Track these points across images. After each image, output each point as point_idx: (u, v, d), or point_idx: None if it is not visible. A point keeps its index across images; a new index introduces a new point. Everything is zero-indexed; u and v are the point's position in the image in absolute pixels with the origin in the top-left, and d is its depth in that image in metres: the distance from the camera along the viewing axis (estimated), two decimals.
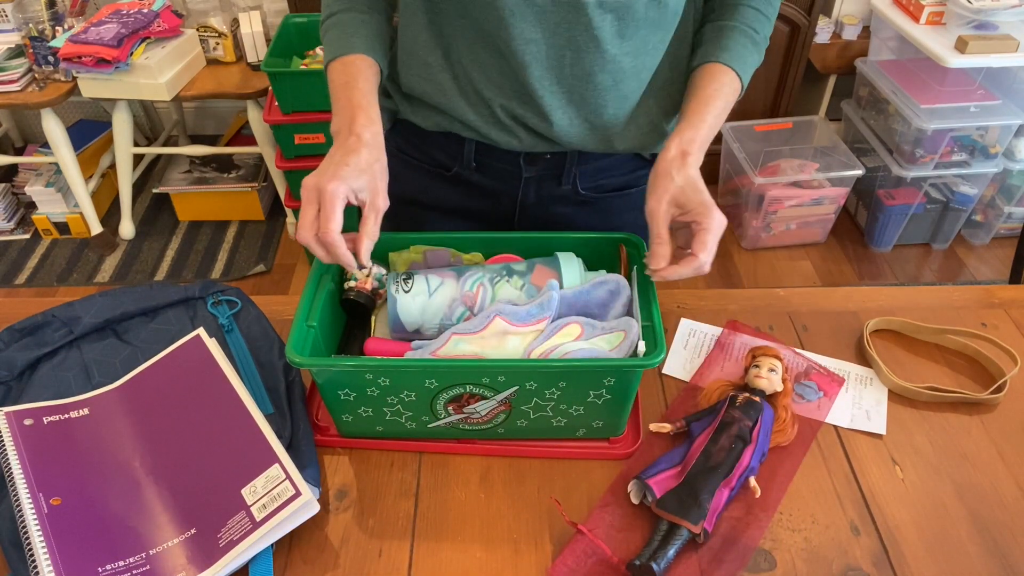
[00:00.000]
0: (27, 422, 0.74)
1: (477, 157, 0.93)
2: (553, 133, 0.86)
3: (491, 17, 0.77)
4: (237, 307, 0.89)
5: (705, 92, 0.81)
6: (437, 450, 0.78)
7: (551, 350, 0.72)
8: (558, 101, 0.83)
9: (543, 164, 0.92)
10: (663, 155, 0.77)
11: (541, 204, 0.96)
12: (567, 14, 0.76)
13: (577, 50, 0.79)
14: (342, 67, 0.80)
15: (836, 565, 0.68)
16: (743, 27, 0.84)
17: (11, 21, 2.21)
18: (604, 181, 0.95)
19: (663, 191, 0.75)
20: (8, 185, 2.59)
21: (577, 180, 0.94)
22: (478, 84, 0.85)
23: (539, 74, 0.81)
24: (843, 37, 2.49)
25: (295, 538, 0.70)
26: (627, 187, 0.97)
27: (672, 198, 0.74)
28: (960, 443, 0.79)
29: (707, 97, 0.81)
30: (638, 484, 0.72)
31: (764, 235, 2.47)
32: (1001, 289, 0.99)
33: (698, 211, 0.74)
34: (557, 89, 0.83)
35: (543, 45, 0.79)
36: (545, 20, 0.77)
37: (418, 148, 0.96)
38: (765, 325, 0.93)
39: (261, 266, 2.43)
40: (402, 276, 0.78)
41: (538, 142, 0.89)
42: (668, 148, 0.77)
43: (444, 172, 0.96)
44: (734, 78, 0.82)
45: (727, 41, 0.83)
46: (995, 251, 2.50)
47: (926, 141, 2.19)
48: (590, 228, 0.94)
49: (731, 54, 0.82)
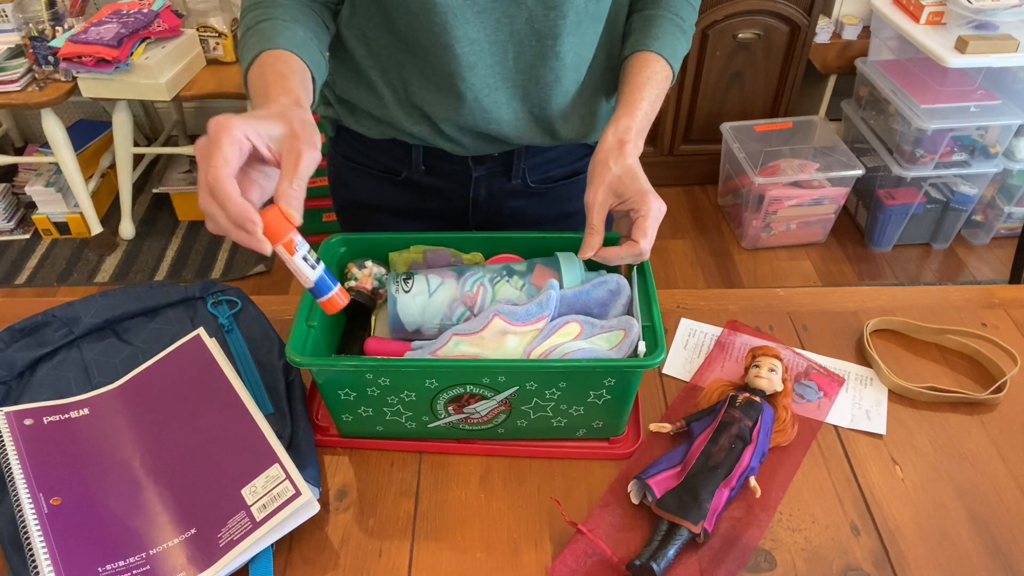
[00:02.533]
0: (27, 422, 0.74)
1: (426, 161, 0.94)
2: (499, 132, 0.87)
3: (433, 23, 0.76)
4: (237, 307, 0.89)
5: (638, 80, 0.81)
6: (437, 450, 0.78)
7: (551, 350, 0.72)
8: (503, 98, 0.84)
9: (491, 162, 0.94)
10: (600, 145, 0.77)
11: (493, 200, 0.98)
12: (508, 8, 0.76)
13: (520, 45, 0.80)
14: (260, 62, 0.69)
15: (836, 565, 0.68)
16: (671, 15, 0.85)
17: (11, 21, 2.21)
18: (552, 172, 0.98)
19: (600, 181, 0.75)
20: (8, 185, 2.59)
21: (526, 174, 0.96)
22: (417, 100, 0.86)
23: (484, 73, 0.81)
24: (843, 37, 2.50)
25: (295, 538, 0.70)
26: (575, 174, 1.00)
27: (609, 187, 0.75)
28: (960, 443, 0.79)
29: (640, 85, 0.80)
30: (638, 484, 0.72)
31: (764, 235, 2.47)
32: (1001, 289, 0.99)
33: (636, 199, 0.74)
34: (502, 86, 0.83)
35: (485, 44, 0.79)
36: (486, 18, 0.77)
37: (364, 154, 0.97)
38: (765, 325, 0.93)
39: (261, 266, 2.43)
40: (402, 276, 0.78)
41: (484, 144, 0.91)
42: (605, 138, 0.77)
43: (394, 176, 0.97)
44: (665, 65, 0.83)
45: (656, 30, 0.83)
46: (995, 251, 2.50)
47: (926, 141, 2.19)
48: (542, 217, 0.98)
49: (661, 42, 0.83)
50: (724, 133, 2.48)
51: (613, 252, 0.75)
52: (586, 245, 0.75)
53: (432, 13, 0.75)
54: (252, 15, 0.75)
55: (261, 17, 0.74)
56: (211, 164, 0.53)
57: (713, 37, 2.40)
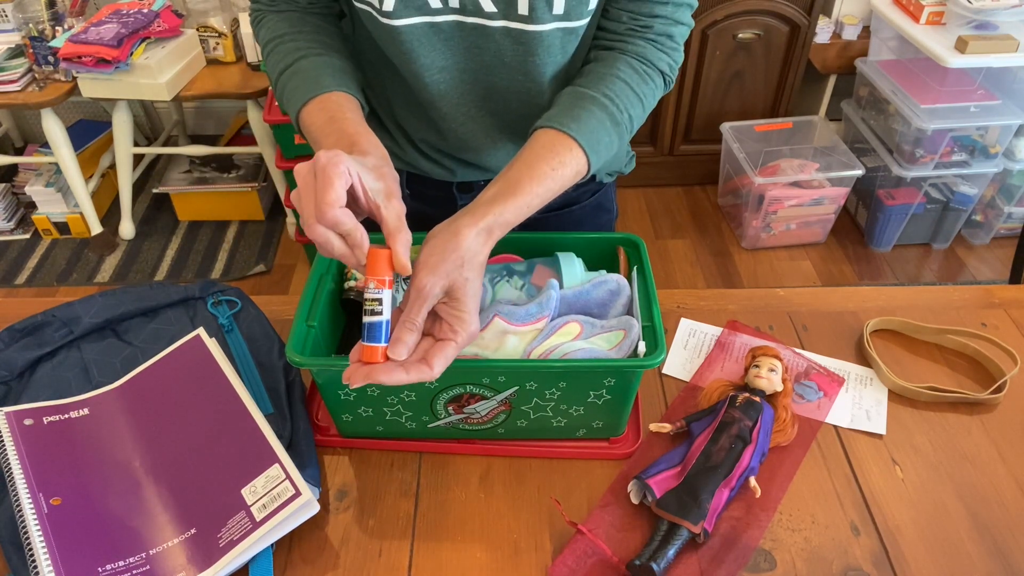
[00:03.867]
0: (27, 422, 0.74)
1: (410, 185, 0.92)
2: (479, 161, 0.86)
3: (400, 51, 0.74)
4: (237, 307, 0.89)
5: (541, 168, 0.68)
6: (437, 450, 0.78)
7: (551, 350, 0.72)
8: (479, 127, 0.82)
9: (477, 190, 0.90)
10: (463, 220, 0.63)
11: None
12: (476, 40, 0.73)
13: (491, 75, 0.77)
14: (319, 106, 0.69)
15: (836, 565, 0.68)
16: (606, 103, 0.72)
17: (11, 21, 2.21)
18: None
19: (444, 273, 0.60)
20: (8, 185, 2.59)
21: None
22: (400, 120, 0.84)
23: (456, 101, 0.79)
24: (843, 37, 2.50)
25: (295, 538, 0.70)
26: (566, 206, 0.95)
27: (451, 286, 0.60)
28: (960, 443, 0.79)
29: (541, 175, 0.67)
30: (638, 484, 0.72)
31: (764, 235, 2.47)
32: (1001, 289, 0.99)
33: (460, 316, 0.61)
34: (476, 115, 0.81)
35: (455, 71, 0.76)
36: (453, 47, 0.74)
37: None
38: (765, 325, 0.93)
39: (261, 266, 2.43)
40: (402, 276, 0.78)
41: (469, 171, 0.89)
42: (476, 216, 0.63)
43: None
44: (583, 164, 0.71)
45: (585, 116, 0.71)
46: (995, 251, 2.50)
47: (926, 141, 2.19)
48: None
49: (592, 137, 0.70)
50: (724, 133, 2.48)
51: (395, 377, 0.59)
52: (402, 343, 0.59)
53: (399, 41, 0.72)
54: (282, 50, 0.75)
55: (295, 54, 0.74)
56: (326, 199, 0.54)
57: (713, 37, 2.40)
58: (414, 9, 0.70)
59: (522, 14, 0.69)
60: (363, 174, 0.57)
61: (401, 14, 0.70)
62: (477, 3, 0.70)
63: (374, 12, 0.71)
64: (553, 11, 0.69)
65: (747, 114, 2.59)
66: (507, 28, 0.71)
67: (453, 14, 0.71)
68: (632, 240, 0.83)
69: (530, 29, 0.70)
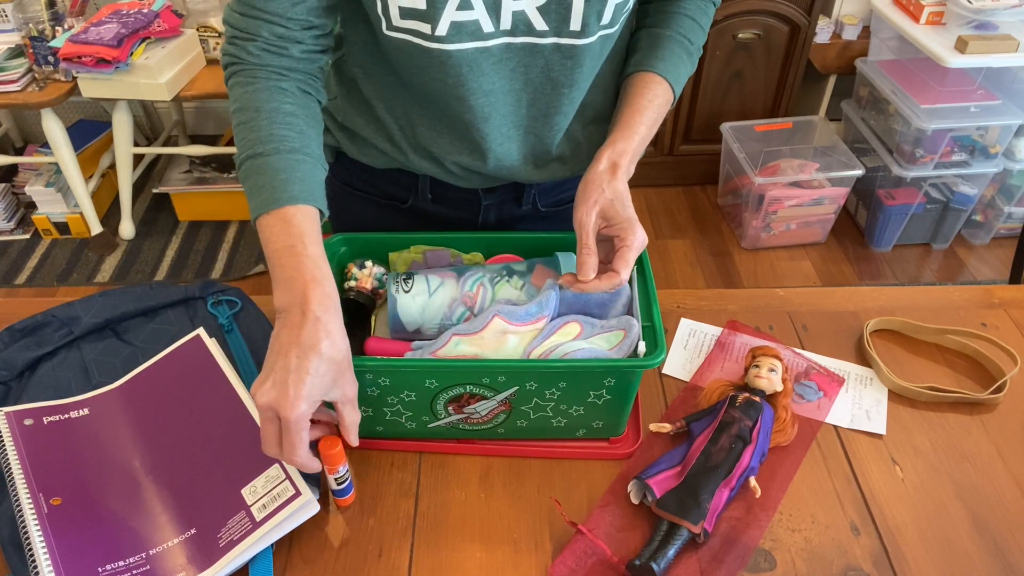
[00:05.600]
0: (27, 422, 0.74)
1: (433, 190, 0.91)
2: (509, 175, 0.86)
3: (446, 76, 0.72)
4: (237, 307, 0.89)
5: (639, 102, 0.79)
6: (437, 450, 0.78)
7: (551, 349, 0.72)
8: (515, 145, 0.82)
9: (501, 191, 0.92)
10: (594, 166, 0.75)
11: (502, 224, 0.96)
12: (524, 58, 0.74)
13: (534, 92, 0.77)
14: (281, 224, 0.65)
15: (836, 565, 0.68)
16: (679, 36, 0.82)
17: (11, 21, 2.21)
18: (564, 195, 0.95)
19: (592, 203, 0.72)
20: (8, 185, 2.59)
21: (536, 199, 0.94)
22: (424, 142, 0.84)
23: (498, 123, 0.79)
24: (843, 37, 2.50)
25: (295, 538, 0.70)
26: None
27: (601, 210, 0.72)
28: (960, 443, 0.79)
29: (640, 108, 0.78)
30: (638, 484, 0.72)
31: (764, 235, 2.47)
32: (1001, 289, 0.99)
33: (623, 226, 0.72)
34: (514, 134, 0.81)
35: (500, 94, 0.76)
36: (501, 68, 0.74)
37: (367, 182, 0.93)
38: (765, 325, 0.93)
39: (261, 266, 2.43)
40: (402, 276, 0.78)
41: (492, 180, 0.89)
42: (599, 159, 0.75)
43: (399, 204, 0.93)
44: (667, 89, 0.80)
45: (662, 51, 0.81)
46: (995, 251, 2.50)
47: (926, 141, 2.19)
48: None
49: (666, 64, 0.80)
50: (724, 133, 2.48)
51: (594, 285, 0.72)
52: (586, 266, 0.72)
53: (447, 67, 0.71)
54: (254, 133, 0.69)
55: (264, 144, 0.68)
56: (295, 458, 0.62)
57: (713, 37, 2.40)
58: (467, 35, 0.69)
59: (574, 30, 0.71)
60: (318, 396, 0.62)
61: (453, 39, 0.69)
62: (529, 23, 0.70)
63: (419, 40, 0.69)
64: (601, 22, 0.71)
65: (747, 114, 2.59)
66: (557, 44, 0.72)
67: (504, 36, 0.71)
68: None
69: (580, 43, 0.72)
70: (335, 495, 0.73)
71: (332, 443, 0.68)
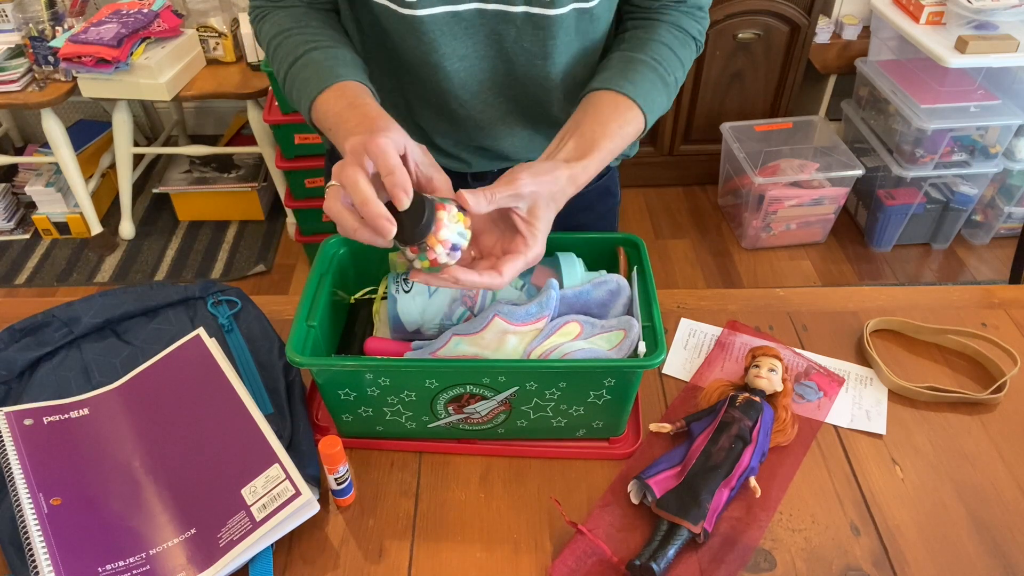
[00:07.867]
0: (27, 422, 0.74)
1: None
2: (498, 148, 0.86)
3: (421, 42, 0.74)
4: (237, 307, 0.89)
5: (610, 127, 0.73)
6: (437, 450, 0.78)
7: (551, 350, 0.72)
8: (498, 114, 0.83)
9: (492, 178, 0.92)
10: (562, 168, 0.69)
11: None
12: (496, 26, 0.74)
13: (509, 62, 0.78)
14: (336, 94, 0.69)
15: (836, 565, 0.68)
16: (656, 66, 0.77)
17: (11, 21, 2.21)
18: None
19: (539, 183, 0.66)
20: (8, 185, 2.59)
21: None
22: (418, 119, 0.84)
23: (475, 89, 0.80)
24: (843, 37, 2.50)
25: (295, 538, 0.70)
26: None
27: (536, 200, 0.66)
28: (960, 443, 0.79)
29: (611, 134, 0.73)
30: (638, 484, 0.72)
31: (764, 235, 2.47)
32: (1001, 289, 0.99)
33: (532, 232, 0.67)
34: (495, 102, 0.82)
35: (475, 59, 0.77)
36: (474, 33, 0.75)
37: None
38: (765, 325, 0.93)
39: (261, 266, 2.43)
40: (402, 276, 0.78)
41: (486, 160, 0.89)
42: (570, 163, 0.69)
43: None
44: (642, 123, 0.76)
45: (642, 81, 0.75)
46: (995, 251, 2.51)
47: (926, 141, 2.19)
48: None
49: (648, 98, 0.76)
50: (724, 133, 2.48)
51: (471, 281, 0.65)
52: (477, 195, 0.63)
53: (420, 32, 0.73)
54: (290, 43, 0.75)
55: (304, 46, 0.74)
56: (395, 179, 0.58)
57: (713, 37, 2.40)
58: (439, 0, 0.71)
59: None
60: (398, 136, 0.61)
61: (424, 4, 0.71)
62: None
63: (394, 6, 0.72)
64: None
65: (747, 114, 2.59)
66: (528, 13, 0.73)
67: (475, 2, 0.72)
68: (632, 240, 0.83)
69: (551, 13, 0.73)
70: (335, 495, 0.73)
71: (332, 443, 0.68)
